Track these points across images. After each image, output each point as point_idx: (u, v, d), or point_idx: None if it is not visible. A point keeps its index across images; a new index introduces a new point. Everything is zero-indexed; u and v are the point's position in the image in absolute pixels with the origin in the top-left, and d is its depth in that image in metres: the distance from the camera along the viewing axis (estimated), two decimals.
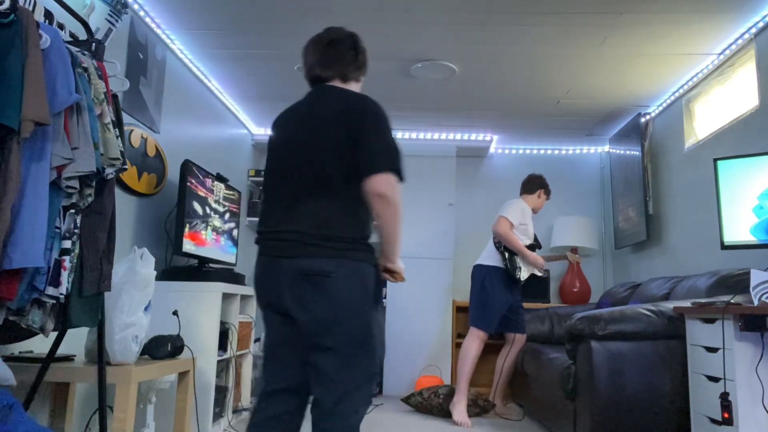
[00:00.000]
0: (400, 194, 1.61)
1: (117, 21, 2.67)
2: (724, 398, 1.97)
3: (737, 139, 3.09)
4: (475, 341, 3.61)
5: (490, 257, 3.72)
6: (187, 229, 3.08)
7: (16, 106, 1.43)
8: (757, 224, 2.39)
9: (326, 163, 1.61)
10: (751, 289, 1.98)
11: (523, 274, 3.69)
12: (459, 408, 3.48)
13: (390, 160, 1.61)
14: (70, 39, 2.07)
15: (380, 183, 1.57)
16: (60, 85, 1.58)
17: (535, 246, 3.80)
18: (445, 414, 3.63)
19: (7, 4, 1.51)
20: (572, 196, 5.08)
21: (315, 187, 1.61)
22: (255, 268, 1.70)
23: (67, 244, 1.65)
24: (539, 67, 3.53)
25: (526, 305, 4.52)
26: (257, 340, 4.43)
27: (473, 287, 3.72)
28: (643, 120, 4.17)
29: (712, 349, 2.11)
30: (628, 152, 4.40)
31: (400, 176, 1.62)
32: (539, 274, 3.80)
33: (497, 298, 3.64)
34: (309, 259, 1.56)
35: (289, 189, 1.65)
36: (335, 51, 1.79)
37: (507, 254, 3.67)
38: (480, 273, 3.71)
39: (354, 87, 1.82)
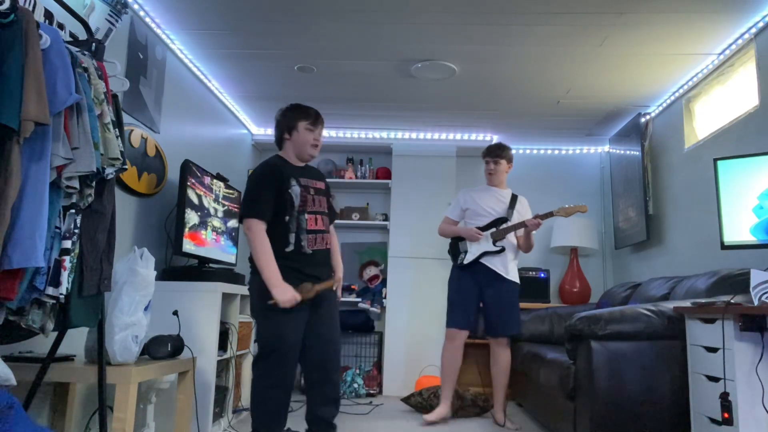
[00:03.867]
0: (257, 237, 2.30)
1: (117, 21, 2.67)
2: (724, 398, 1.97)
3: (737, 139, 3.09)
4: (445, 342, 3.52)
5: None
6: (186, 229, 3.08)
7: (16, 106, 1.43)
8: (757, 224, 2.39)
9: None
10: (751, 289, 1.97)
11: (468, 257, 3.49)
12: (438, 408, 3.46)
13: (240, 211, 2.38)
14: (70, 39, 2.07)
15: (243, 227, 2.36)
16: (60, 85, 1.58)
17: (499, 221, 3.51)
18: None
19: (7, 4, 1.51)
20: (572, 196, 5.07)
21: None
22: None
23: (67, 244, 1.65)
24: (539, 67, 3.53)
25: (526, 305, 4.51)
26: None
27: None
28: (643, 120, 4.17)
29: (712, 349, 2.11)
30: (628, 152, 4.40)
31: (248, 216, 2.32)
32: (494, 249, 3.44)
33: (453, 291, 3.56)
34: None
35: None
36: None
37: (450, 245, 3.65)
38: None
39: (286, 147, 2.49)
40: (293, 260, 2.35)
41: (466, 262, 3.50)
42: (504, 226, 3.49)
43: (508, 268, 3.49)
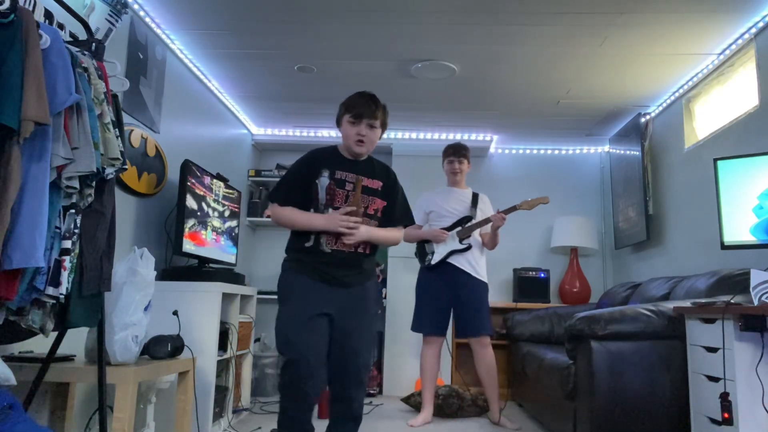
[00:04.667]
0: (276, 212, 2.20)
1: (117, 21, 2.67)
2: (724, 398, 1.97)
3: (737, 139, 3.09)
4: (423, 347, 3.52)
5: None
6: (187, 229, 3.08)
7: (16, 106, 1.43)
8: (757, 224, 2.39)
9: None
10: (751, 289, 1.97)
11: (436, 257, 3.47)
12: (420, 414, 3.46)
13: (270, 193, 2.28)
14: (70, 39, 2.07)
15: None
16: (60, 85, 1.58)
17: (464, 219, 3.51)
18: (444, 414, 3.64)
19: (7, 4, 1.51)
20: (572, 196, 5.07)
21: None
22: None
23: (67, 244, 1.65)
24: (539, 67, 3.53)
25: (526, 305, 4.52)
26: (257, 340, 4.42)
27: None
28: (643, 120, 4.17)
29: (712, 349, 2.11)
30: (628, 152, 4.40)
31: (271, 200, 2.24)
32: (461, 247, 3.45)
33: (420, 295, 3.55)
34: None
35: None
36: None
37: (416, 247, 3.62)
38: None
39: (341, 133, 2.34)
40: (312, 256, 2.16)
41: (433, 262, 3.49)
42: (469, 224, 3.50)
43: (477, 267, 3.48)
